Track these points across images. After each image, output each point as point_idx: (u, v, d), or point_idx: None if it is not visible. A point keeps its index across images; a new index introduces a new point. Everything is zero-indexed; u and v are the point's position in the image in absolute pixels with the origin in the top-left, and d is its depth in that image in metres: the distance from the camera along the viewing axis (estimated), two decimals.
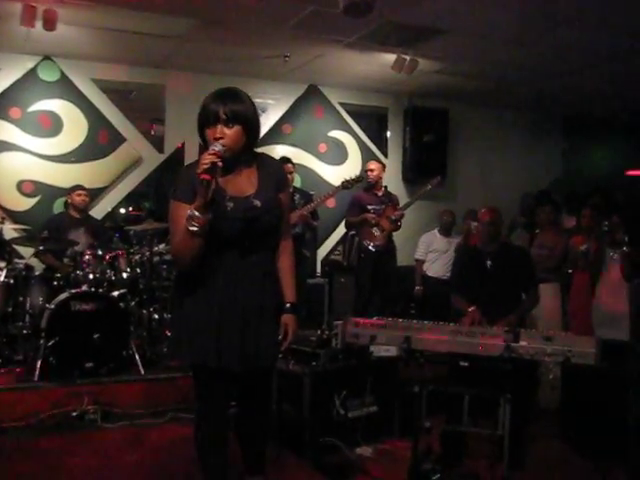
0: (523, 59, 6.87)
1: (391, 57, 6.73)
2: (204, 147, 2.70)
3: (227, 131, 2.60)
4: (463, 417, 3.65)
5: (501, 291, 4.23)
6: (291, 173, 6.38)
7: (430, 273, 7.31)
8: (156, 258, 6.14)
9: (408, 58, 6.70)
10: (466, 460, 3.94)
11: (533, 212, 7.21)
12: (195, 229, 2.47)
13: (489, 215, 4.41)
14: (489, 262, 4.36)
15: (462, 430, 3.76)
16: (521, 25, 5.83)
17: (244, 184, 2.72)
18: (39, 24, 5.56)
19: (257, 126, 2.74)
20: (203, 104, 2.65)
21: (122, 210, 10.50)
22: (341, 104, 8.52)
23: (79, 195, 6.27)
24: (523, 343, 3.54)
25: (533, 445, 4.17)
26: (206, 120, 2.63)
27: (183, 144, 7.67)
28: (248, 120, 2.64)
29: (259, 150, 2.86)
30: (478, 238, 4.74)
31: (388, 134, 8.93)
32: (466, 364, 3.60)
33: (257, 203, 2.67)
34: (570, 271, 6.05)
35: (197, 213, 2.46)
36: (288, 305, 2.86)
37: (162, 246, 6.23)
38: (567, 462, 4.12)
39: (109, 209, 7.44)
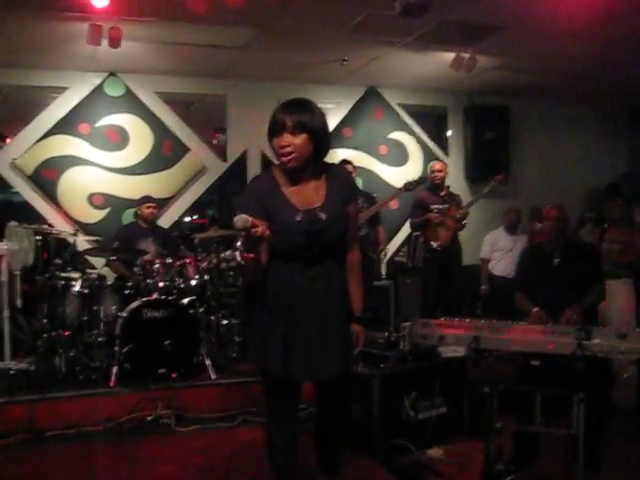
0: (583, 51, 6.71)
1: (449, 56, 6.69)
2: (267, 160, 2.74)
3: (293, 139, 2.61)
4: (535, 417, 3.59)
5: (568, 289, 4.13)
6: (351, 173, 6.39)
7: (496, 272, 7.22)
8: (223, 265, 6.23)
9: (467, 56, 6.64)
10: (540, 461, 3.87)
11: (602, 207, 7.03)
12: (242, 262, 2.41)
13: (555, 212, 4.32)
14: (556, 260, 4.26)
15: (535, 430, 3.69)
16: (580, 17, 5.69)
17: (311, 196, 2.73)
18: (105, 42, 5.75)
19: (325, 136, 2.74)
20: (272, 114, 2.68)
21: (187, 219, 10.71)
22: (400, 105, 8.50)
23: (148, 208, 6.42)
24: (596, 341, 3.46)
25: (610, 446, 4.06)
26: (273, 129, 2.65)
27: (245, 151, 7.78)
28: (315, 129, 2.65)
29: None
30: (544, 236, 4.65)
31: (448, 133, 8.86)
32: (537, 363, 3.55)
33: (322, 216, 2.68)
34: None
35: (243, 249, 2.38)
36: (357, 315, 2.87)
37: (228, 253, 6.32)
38: None
39: (176, 218, 7.61)
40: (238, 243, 2.41)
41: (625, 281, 5.83)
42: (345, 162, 6.37)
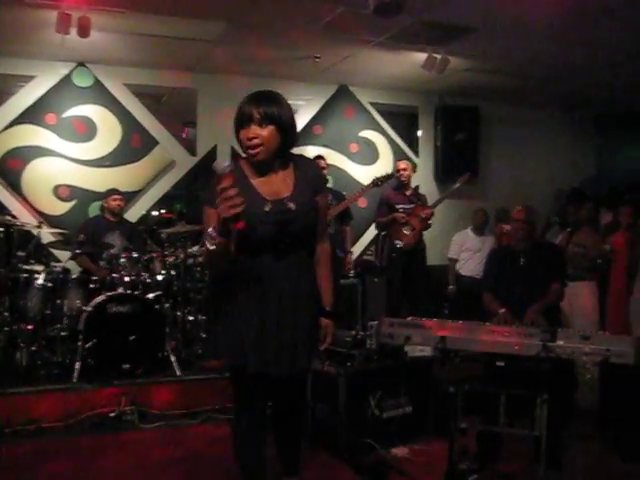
0: (554, 55, 6.80)
1: (422, 56, 6.70)
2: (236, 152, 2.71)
3: (260, 131, 2.59)
4: (499, 417, 3.63)
5: (534, 289, 4.19)
6: (324, 169, 6.38)
7: (463, 272, 7.27)
8: (190, 260, 6.19)
9: (439, 57, 6.66)
10: (503, 461, 3.90)
11: (566, 211, 7.13)
12: (213, 248, 2.43)
13: (523, 213, 4.37)
14: (522, 260, 4.31)
15: (498, 431, 3.73)
16: (552, 20, 5.76)
17: (279, 186, 2.70)
18: (73, 31, 5.64)
19: (293, 128, 2.72)
20: (239, 106, 2.66)
21: (154, 213, 10.59)
22: (372, 104, 8.52)
23: (115, 200, 6.33)
24: (560, 342, 3.50)
25: (571, 446, 4.12)
26: (240, 121, 2.63)
27: (215, 147, 7.72)
28: (282, 121, 2.62)
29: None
30: (511, 237, 4.69)
31: (419, 133, 8.90)
32: (502, 364, 3.57)
33: (292, 206, 2.66)
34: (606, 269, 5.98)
35: (215, 234, 2.41)
36: (327, 309, 2.86)
37: (195, 248, 6.28)
38: (606, 464, 4.06)
39: (143, 212, 7.53)
40: (210, 229, 2.39)
41: (589, 283, 5.92)
42: (318, 157, 6.37)
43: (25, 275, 5.52)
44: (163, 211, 11.88)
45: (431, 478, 3.67)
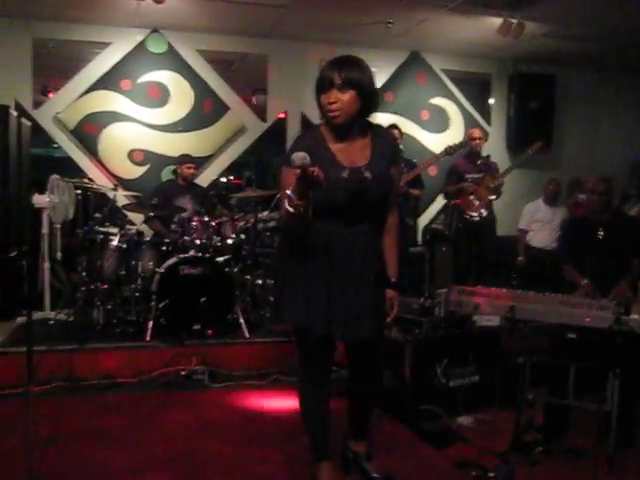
0: (635, 19, 6.50)
1: (497, 21, 6.54)
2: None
3: (341, 96, 2.59)
4: (568, 390, 3.58)
5: (613, 262, 4.06)
6: (398, 139, 6.31)
7: (534, 243, 7.14)
8: (260, 225, 6.27)
9: (515, 21, 6.48)
10: (570, 436, 3.85)
11: None
12: (292, 210, 2.40)
13: (602, 184, 4.22)
14: (601, 232, 4.18)
15: (567, 404, 3.68)
16: None
17: (356, 154, 2.70)
18: None
19: (374, 94, 2.71)
20: (320, 71, 2.65)
21: (223, 179, 10.74)
22: (444, 70, 8.36)
23: (189, 168, 6.41)
24: (634, 316, 3.43)
25: None
26: (321, 86, 2.62)
27: (285, 113, 7.75)
28: (363, 86, 2.61)
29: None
30: (587, 209, 4.55)
31: (492, 101, 8.70)
32: (573, 336, 3.52)
33: (368, 175, 2.66)
34: None
35: (295, 196, 2.37)
36: (393, 280, 2.87)
37: (265, 213, 6.35)
38: None
39: (214, 177, 7.63)
40: (288, 191, 2.39)
41: None
42: (393, 127, 6.30)
43: (101, 237, 5.69)
44: (232, 177, 12.04)
45: (496, 448, 3.65)
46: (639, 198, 7.19)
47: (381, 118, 7.68)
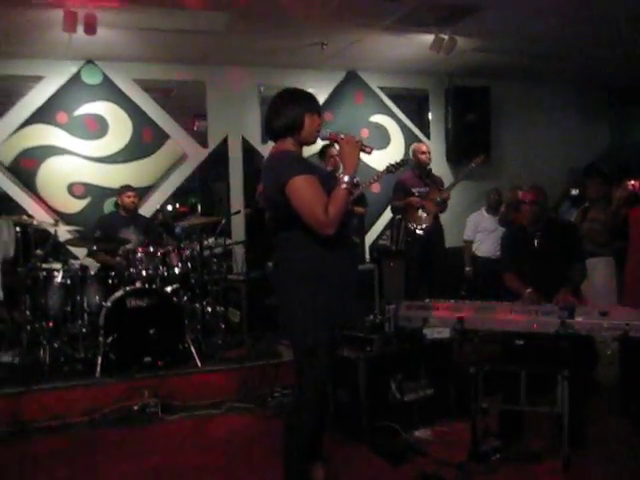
0: (563, 31, 6.70)
1: (429, 37, 6.65)
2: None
3: None
4: (520, 396, 3.63)
5: (551, 269, 4.16)
6: (332, 157, 6.32)
7: (479, 253, 7.26)
8: (206, 252, 6.21)
9: (446, 37, 6.60)
10: (526, 440, 3.90)
11: (584, 186, 7.06)
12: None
13: (532, 195, 4.31)
14: (536, 241, 4.29)
15: (520, 409, 3.73)
16: None
17: None
18: (80, 29, 5.66)
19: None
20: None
21: (169, 207, 10.65)
22: (381, 88, 8.48)
23: (129, 197, 6.33)
24: (579, 319, 3.50)
25: (593, 422, 4.11)
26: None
27: (226, 137, 7.72)
28: None
29: None
30: (520, 219, 4.63)
31: (430, 115, 8.85)
32: (521, 342, 3.58)
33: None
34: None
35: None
36: None
37: (211, 240, 6.30)
38: (628, 438, 4.04)
39: (157, 207, 7.55)
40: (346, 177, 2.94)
41: (606, 259, 5.87)
42: (330, 145, 6.27)
43: (44, 273, 5.57)
44: (178, 205, 11.95)
45: (455, 459, 3.67)
46: (573, 202, 7.36)
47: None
